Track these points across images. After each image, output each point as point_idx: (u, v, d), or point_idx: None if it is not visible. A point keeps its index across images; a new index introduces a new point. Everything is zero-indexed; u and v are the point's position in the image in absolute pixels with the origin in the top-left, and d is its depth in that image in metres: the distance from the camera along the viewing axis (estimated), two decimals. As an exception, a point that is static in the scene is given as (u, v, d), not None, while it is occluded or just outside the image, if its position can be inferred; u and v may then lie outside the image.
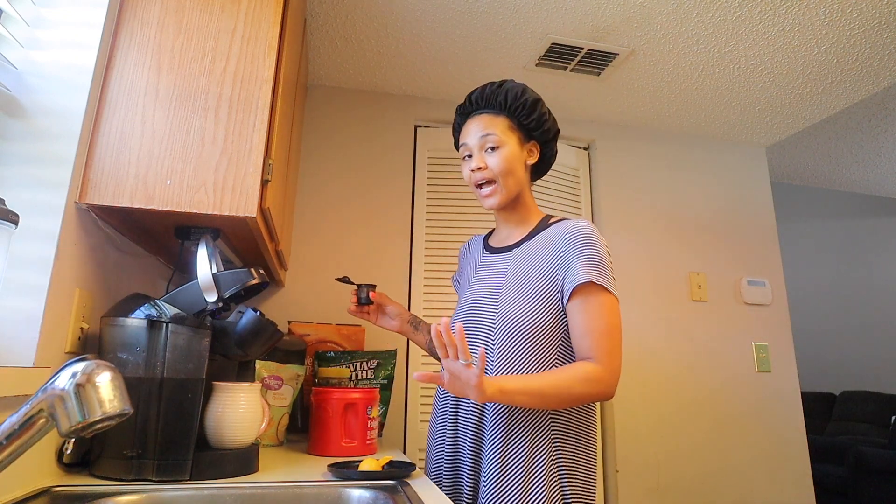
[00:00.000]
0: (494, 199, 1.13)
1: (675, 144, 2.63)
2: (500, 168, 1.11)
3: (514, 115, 1.15)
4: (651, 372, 2.30)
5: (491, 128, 1.13)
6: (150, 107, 1.00)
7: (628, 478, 2.17)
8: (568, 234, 1.06)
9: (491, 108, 1.16)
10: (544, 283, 1.06)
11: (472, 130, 1.15)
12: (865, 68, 2.07)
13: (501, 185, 1.12)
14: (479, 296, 1.13)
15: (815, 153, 3.48)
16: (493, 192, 1.13)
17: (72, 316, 0.93)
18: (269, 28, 1.08)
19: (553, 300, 1.05)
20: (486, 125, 1.14)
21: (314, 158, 2.20)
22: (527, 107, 1.14)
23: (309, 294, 2.05)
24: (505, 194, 1.13)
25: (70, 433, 0.52)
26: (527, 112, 1.14)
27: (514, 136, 1.15)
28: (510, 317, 1.05)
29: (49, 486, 0.80)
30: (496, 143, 1.13)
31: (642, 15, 1.81)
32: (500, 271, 1.14)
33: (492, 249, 1.21)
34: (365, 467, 0.98)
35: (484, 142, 1.13)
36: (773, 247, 2.62)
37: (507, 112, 1.15)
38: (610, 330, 1.01)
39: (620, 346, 1.02)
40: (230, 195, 0.98)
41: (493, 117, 1.15)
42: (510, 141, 1.14)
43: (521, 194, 1.18)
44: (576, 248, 1.04)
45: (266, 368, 1.37)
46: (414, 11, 1.82)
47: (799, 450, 2.38)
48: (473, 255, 1.28)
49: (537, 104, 1.16)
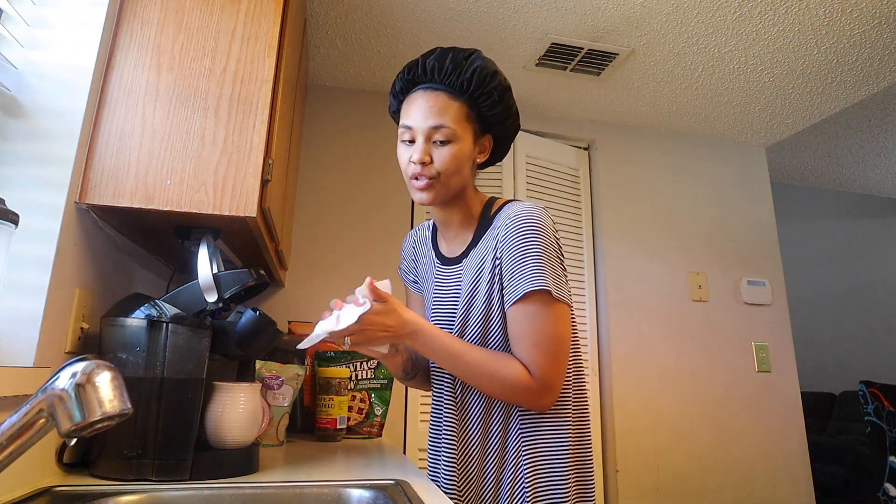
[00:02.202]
0: (428, 195, 0.95)
1: (675, 144, 2.63)
2: (446, 167, 0.94)
3: (475, 102, 0.96)
4: (651, 372, 2.30)
5: (445, 117, 0.93)
6: (150, 107, 1.00)
7: (628, 478, 2.17)
8: (503, 237, 0.94)
9: (449, 88, 0.95)
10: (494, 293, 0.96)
11: (421, 112, 0.95)
12: (865, 68, 2.07)
13: (443, 183, 0.95)
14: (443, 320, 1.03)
15: (815, 153, 3.48)
16: (428, 188, 0.95)
17: (72, 316, 0.93)
18: (269, 28, 1.08)
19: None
20: (440, 111, 0.94)
21: (314, 158, 2.20)
22: (493, 96, 0.96)
23: (309, 294, 2.05)
24: (443, 194, 0.96)
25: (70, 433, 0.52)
26: (491, 103, 0.96)
27: (469, 129, 0.96)
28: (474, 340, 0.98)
29: (49, 486, 0.80)
30: (448, 136, 0.94)
31: (642, 15, 1.81)
32: (453, 292, 1.02)
33: (443, 259, 1.07)
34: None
35: (433, 132, 0.94)
36: (773, 247, 2.62)
37: (467, 97, 0.95)
38: (545, 340, 0.90)
39: (559, 357, 0.91)
40: (230, 195, 0.98)
41: (449, 100, 0.95)
42: (464, 135, 0.95)
43: (463, 192, 1.01)
44: (512, 256, 0.92)
45: (266, 368, 1.37)
46: (414, 11, 1.82)
47: (799, 450, 2.38)
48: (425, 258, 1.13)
49: (506, 94, 0.98)
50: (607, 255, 2.38)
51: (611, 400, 2.23)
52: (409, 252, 1.19)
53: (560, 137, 2.50)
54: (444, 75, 0.95)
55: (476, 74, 0.94)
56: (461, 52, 0.96)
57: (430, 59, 0.96)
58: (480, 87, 0.95)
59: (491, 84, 0.95)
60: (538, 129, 2.45)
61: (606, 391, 2.26)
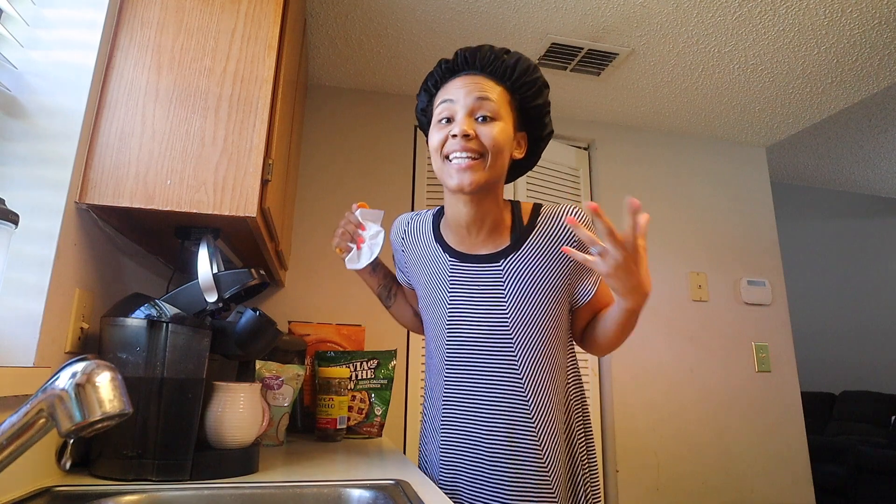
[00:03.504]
0: (471, 176, 0.88)
1: (675, 144, 2.63)
2: (493, 143, 0.88)
3: (517, 90, 0.93)
4: (651, 372, 2.30)
5: (489, 92, 0.90)
6: (150, 107, 1.00)
7: (628, 478, 2.17)
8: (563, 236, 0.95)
9: (491, 74, 0.93)
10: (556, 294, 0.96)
11: (464, 87, 0.91)
12: (865, 68, 2.07)
13: (489, 163, 0.89)
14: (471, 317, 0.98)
15: (815, 153, 3.48)
16: (472, 168, 0.88)
17: (72, 316, 0.93)
18: (269, 28, 1.08)
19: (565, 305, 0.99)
20: (484, 87, 0.90)
21: (314, 158, 2.20)
22: (534, 88, 0.93)
23: (309, 294, 2.05)
24: (488, 175, 0.89)
25: (70, 433, 0.52)
26: (533, 94, 0.93)
27: (510, 115, 0.93)
28: (531, 345, 0.95)
29: (49, 486, 0.80)
30: (493, 112, 0.89)
31: (642, 15, 1.81)
32: (493, 290, 0.97)
33: (462, 256, 1.00)
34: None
35: (478, 105, 0.89)
36: (773, 247, 2.62)
37: (509, 83, 0.93)
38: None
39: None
40: (230, 195, 0.98)
41: (491, 83, 0.92)
42: (507, 118, 0.92)
43: (499, 185, 0.96)
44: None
45: (266, 368, 1.37)
46: (414, 11, 1.82)
47: (799, 450, 2.38)
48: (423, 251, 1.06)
49: (545, 89, 0.96)
50: (607, 255, 2.38)
51: (611, 400, 2.23)
52: (397, 241, 1.13)
53: (560, 137, 2.50)
54: (487, 62, 0.93)
55: (519, 64, 0.92)
56: (499, 48, 0.95)
57: (470, 50, 0.94)
58: (523, 75, 0.93)
59: (534, 74, 0.93)
60: (538, 129, 2.45)
61: (606, 391, 2.26)
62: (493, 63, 0.92)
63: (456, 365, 0.99)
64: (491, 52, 0.93)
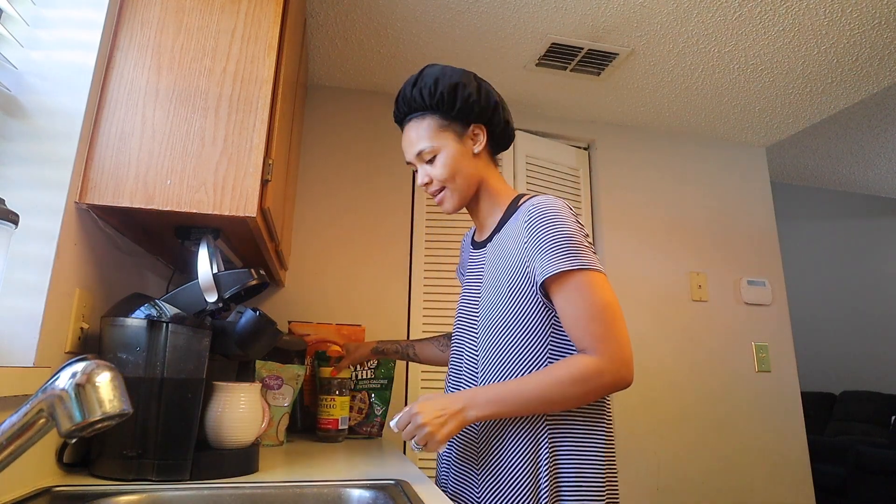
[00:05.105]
0: (448, 204, 1.08)
1: (675, 144, 2.63)
2: (443, 175, 1.05)
3: (438, 111, 1.07)
4: (651, 372, 2.30)
5: (420, 141, 1.06)
6: (150, 107, 1.00)
7: (628, 478, 2.17)
8: (528, 222, 0.97)
9: (415, 112, 1.08)
10: (518, 279, 0.98)
11: (407, 147, 1.09)
12: (865, 68, 2.07)
13: (450, 189, 1.07)
14: (465, 301, 1.10)
15: (815, 153, 3.48)
16: (444, 199, 1.08)
17: (72, 316, 0.93)
18: (269, 28, 1.08)
19: (532, 294, 0.97)
20: (416, 138, 1.07)
21: (314, 158, 2.20)
22: (446, 99, 1.04)
23: (309, 294, 2.05)
24: (458, 197, 1.08)
25: (70, 433, 0.52)
26: (449, 104, 1.05)
27: (447, 134, 1.07)
28: (490, 322, 1.00)
29: (49, 486, 0.80)
30: (431, 152, 1.06)
31: (642, 15, 1.81)
32: (478, 271, 1.10)
33: (475, 244, 1.15)
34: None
35: (419, 156, 1.07)
36: (773, 247, 2.62)
37: (430, 111, 1.07)
38: (597, 313, 0.90)
39: (617, 325, 0.91)
40: (230, 195, 0.98)
41: (419, 123, 1.07)
42: (446, 142, 1.06)
43: (482, 183, 1.10)
44: (538, 237, 0.95)
45: (266, 368, 1.37)
46: (414, 11, 1.82)
47: (799, 450, 2.38)
48: (466, 250, 1.23)
49: (456, 90, 1.05)
50: (607, 254, 2.38)
51: (611, 400, 2.23)
52: (462, 247, 1.30)
53: (560, 137, 2.50)
54: (407, 105, 1.08)
55: (423, 91, 1.05)
56: (411, 78, 1.08)
57: (398, 97, 1.10)
58: (431, 98, 1.05)
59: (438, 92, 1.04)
60: (538, 129, 2.45)
61: (606, 391, 2.26)
62: (410, 103, 1.07)
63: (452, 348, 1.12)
64: (403, 94, 1.08)
